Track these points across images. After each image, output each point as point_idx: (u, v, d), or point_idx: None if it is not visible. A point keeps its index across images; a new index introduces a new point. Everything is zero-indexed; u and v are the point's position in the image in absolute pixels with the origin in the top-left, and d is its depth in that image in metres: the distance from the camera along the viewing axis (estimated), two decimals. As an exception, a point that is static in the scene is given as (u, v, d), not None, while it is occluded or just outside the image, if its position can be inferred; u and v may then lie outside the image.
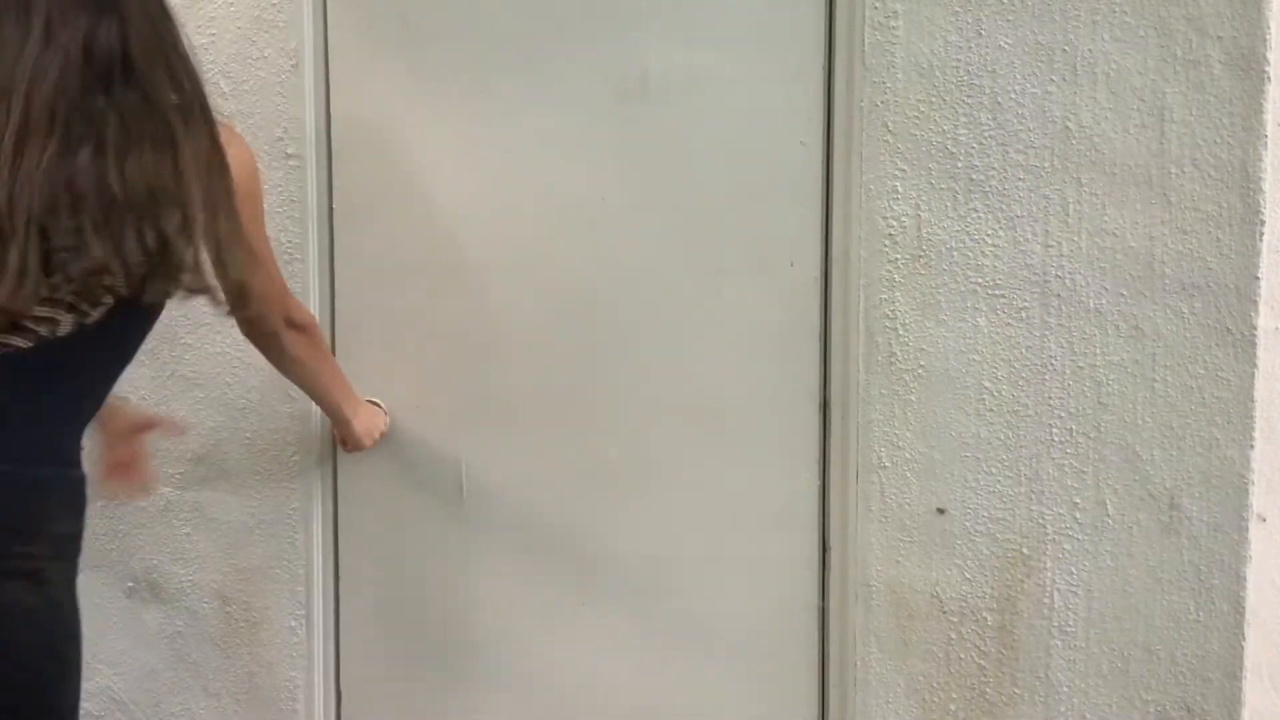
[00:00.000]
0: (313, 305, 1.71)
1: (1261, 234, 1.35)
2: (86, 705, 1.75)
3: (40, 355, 1.14)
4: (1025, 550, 1.46)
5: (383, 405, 1.72)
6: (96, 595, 1.81)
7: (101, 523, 1.82)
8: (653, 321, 1.62)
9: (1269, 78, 1.33)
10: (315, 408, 1.67)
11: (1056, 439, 1.44)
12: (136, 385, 1.77)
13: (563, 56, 1.62)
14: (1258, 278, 1.36)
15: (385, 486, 1.75)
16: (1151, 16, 1.36)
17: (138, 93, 1.15)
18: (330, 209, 1.72)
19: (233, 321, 1.39)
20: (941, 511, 1.48)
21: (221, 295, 1.24)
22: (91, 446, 1.33)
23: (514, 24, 1.63)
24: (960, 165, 1.45)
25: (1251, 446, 1.37)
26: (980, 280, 1.46)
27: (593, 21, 1.59)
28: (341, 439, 1.69)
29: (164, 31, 1.19)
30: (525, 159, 1.65)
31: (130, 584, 1.84)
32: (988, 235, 1.45)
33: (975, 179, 1.45)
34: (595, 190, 1.63)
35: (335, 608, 1.78)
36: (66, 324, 1.15)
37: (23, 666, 1.13)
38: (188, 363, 1.78)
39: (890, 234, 1.49)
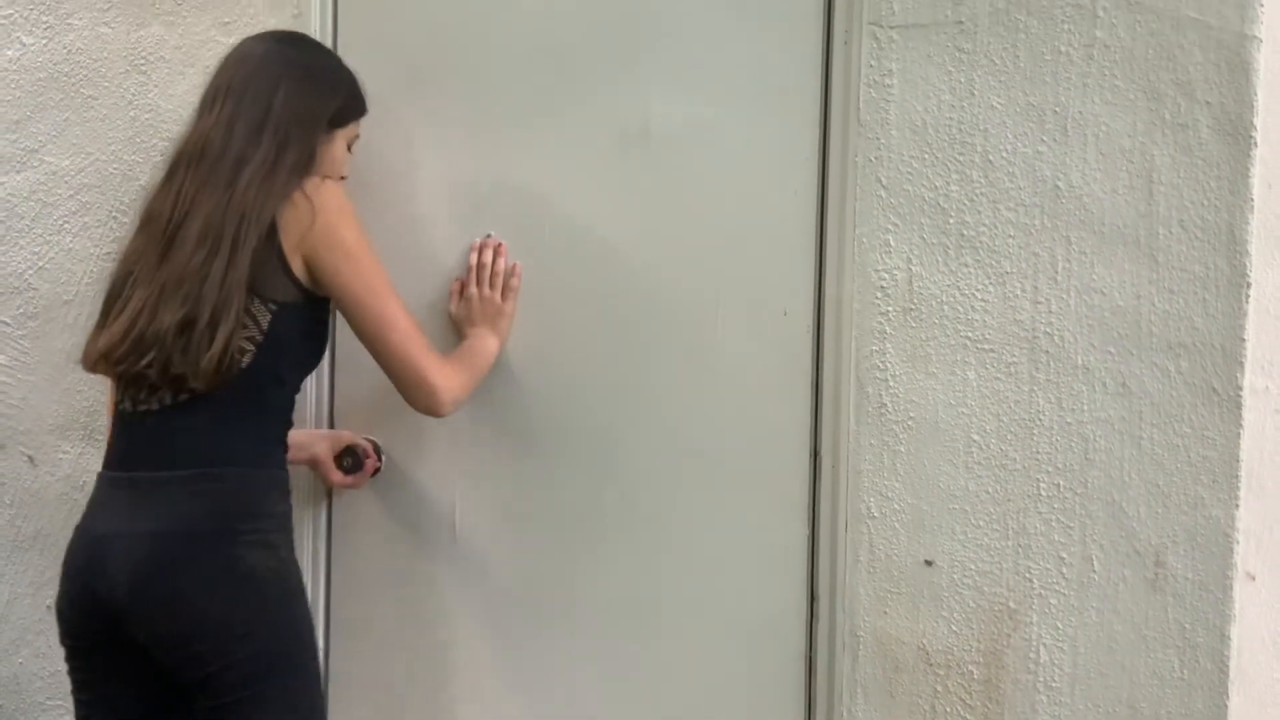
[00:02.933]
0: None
1: (1248, 296, 1.37)
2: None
3: (223, 397, 1.43)
4: (1012, 604, 1.47)
5: (379, 444, 1.73)
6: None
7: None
8: (647, 367, 1.64)
9: (1255, 142, 1.35)
10: (308, 447, 1.69)
11: (1044, 494, 1.45)
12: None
13: (568, 103, 1.65)
14: (1243, 339, 1.37)
15: (378, 527, 1.76)
16: (1141, 81, 1.39)
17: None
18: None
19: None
20: (929, 563, 1.49)
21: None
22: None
23: (521, 70, 1.66)
24: (952, 221, 1.47)
25: (1237, 505, 1.38)
26: (970, 334, 1.47)
27: (599, 70, 1.62)
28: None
29: None
30: (527, 204, 1.67)
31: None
32: (978, 290, 1.47)
33: (966, 235, 1.47)
34: (594, 236, 1.65)
35: (325, 646, 1.78)
36: (247, 356, 1.43)
37: (275, 610, 1.45)
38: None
39: (882, 286, 1.51)
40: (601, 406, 1.66)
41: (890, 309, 1.51)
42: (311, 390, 1.73)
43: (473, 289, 1.66)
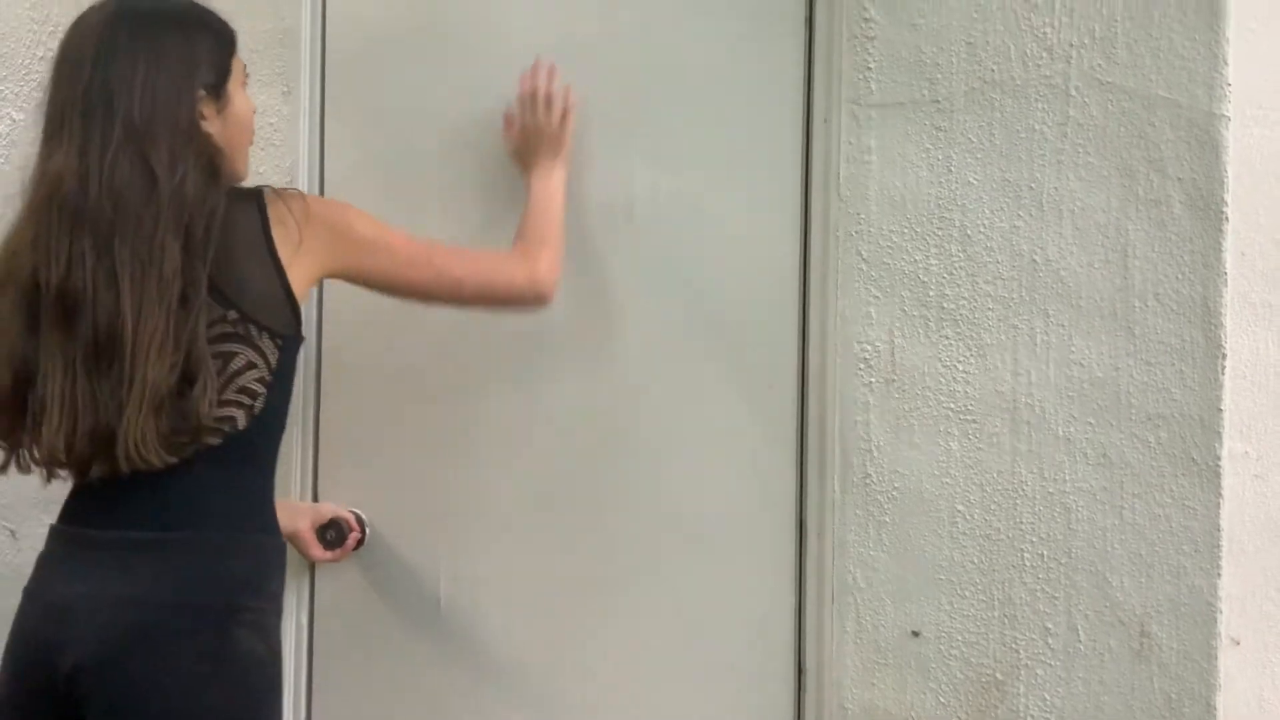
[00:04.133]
0: (296, 412, 1.73)
1: (1224, 367, 1.39)
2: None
3: (229, 446, 1.32)
4: (999, 675, 1.47)
5: (363, 516, 1.73)
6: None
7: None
8: (633, 438, 1.65)
9: (1226, 218, 1.38)
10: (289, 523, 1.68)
11: (1028, 564, 1.46)
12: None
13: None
14: (1220, 410, 1.39)
15: (362, 596, 1.75)
16: (1114, 158, 1.42)
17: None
18: (320, 320, 1.75)
19: None
20: (916, 634, 1.49)
21: None
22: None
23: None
24: (932, 294, 1.50)
25: (1219, 575, 1.40)
26: (952, 405, 1.49)
27: (583, 147, 1.65)
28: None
29: None
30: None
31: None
32: (959, 362, 1.49)
33: (946, 307, 1.49)
34: (579, 309, 1.66)
35: (308, 718, 1.76)
36: (242, 419, 1.32)
37: (256, 706, 1.32)
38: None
39: (865, 358, 1.53)
40: (587, 477, 1.66)
41: (873, 380, 1.52)
42: (295, 461, 1.72)
43: (528, 118, 1.57)
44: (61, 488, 1.86)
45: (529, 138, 1.59)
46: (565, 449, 1.67)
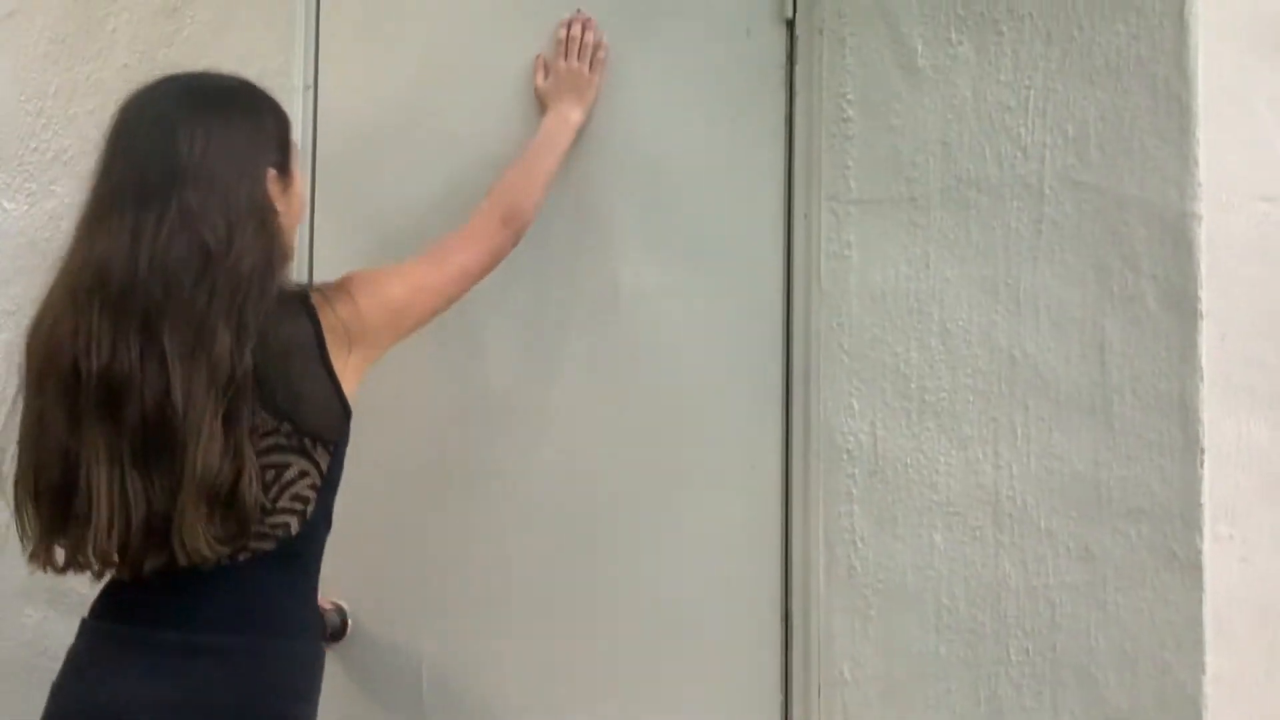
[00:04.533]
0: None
1: (1202, 462, 1.40)
2: None
3: (282, 549, 1.30)
4: (986, 772, 1.45)
5: (344, 606, 1.72)
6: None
7: None
8: (617, 526, 1.65)
9: (1201, 314, 1.40)
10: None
11: (1014, 659, 1.45)
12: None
13: (540, 269, 1.69)
14: (1201, 504, 1.40)
15: (343, 687, 1.73)
16: (1089, 255, 1.44)
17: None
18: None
19: None
20: (902, 730, 1.48)
21: None
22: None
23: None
24: (913, 386, 1.51)
25: (1203, 671, 1.39)
26: (935, 498, 1.50)
27: (570, 239, 1.67)
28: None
29: None
30: (496, 365, 1.70)
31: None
32: (941, 454, 1.50)
33: (927, 400, 1.50)
34: (564, 397, 1.68)
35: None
36: (295, 525, 1.31)
37: None
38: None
39: (848, 449, 1.54)
40: (570, 568, 1.66)
41: (856, 471, 1.53)
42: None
43: (561, 62, 1.64)
44: (40, 577, 1.85)
45: (559, 80, 1.65)
46: (548, 540, 1.67)
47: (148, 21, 1.94)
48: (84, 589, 1.81)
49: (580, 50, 1.64)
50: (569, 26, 1.67)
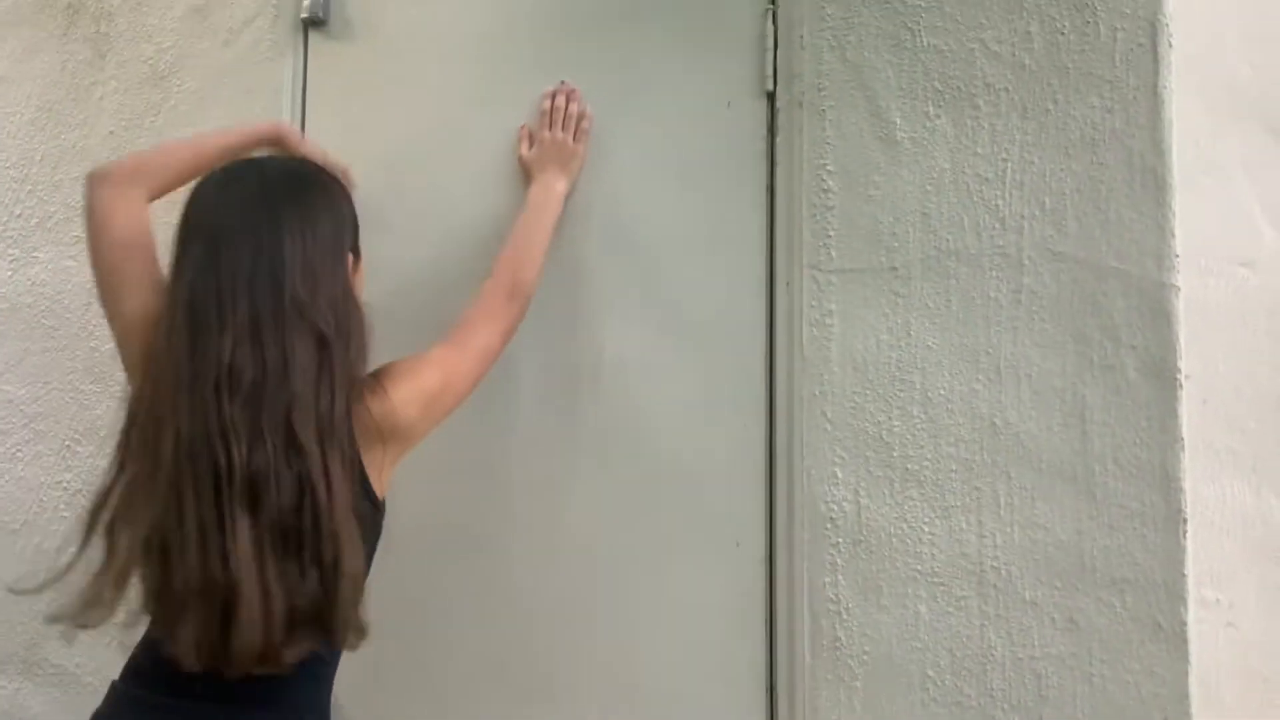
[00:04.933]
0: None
1: (1185, 531, 1.40)
2: None
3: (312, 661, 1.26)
4: None
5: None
6: None
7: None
8: (599, 602, 1.63)
9: (1180, 384, 1.41)
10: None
11: (1000, 732, 1.44)
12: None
13: (521, 335, 1.68)
14: (1184, 574, 1.39)
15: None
16: (1068, 325, 1.45)
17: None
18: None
19: None
20: (889, 805, 1.46)
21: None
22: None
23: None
24: (895, 455, 1.51)
25: (1191, 744, 1.38)
26: (920, 568, 1.49)
27: (552, 304, 1.67)
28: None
29: None
30: (476, 437, 1.69)
31: None
32: (924, 524, 1.49)
33: (910, 469, 1.50)
34: (546, 467, 1.67)
35: None
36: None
37: None
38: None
39: (832, 518, 1.53)
40: (551, 646, 1.64)
41: (840, 540, 1.52)
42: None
43: (545, 132, 1.67)
44: (16, 646, 1.82)
45: (544, 150, 1.67)
46: (532, 612, 1.65)
47: (134, 90, 1.96)
48: (58, 659, 1.78)
49: (565, 120, 1.68)
50: (553, 97, 1.69)
